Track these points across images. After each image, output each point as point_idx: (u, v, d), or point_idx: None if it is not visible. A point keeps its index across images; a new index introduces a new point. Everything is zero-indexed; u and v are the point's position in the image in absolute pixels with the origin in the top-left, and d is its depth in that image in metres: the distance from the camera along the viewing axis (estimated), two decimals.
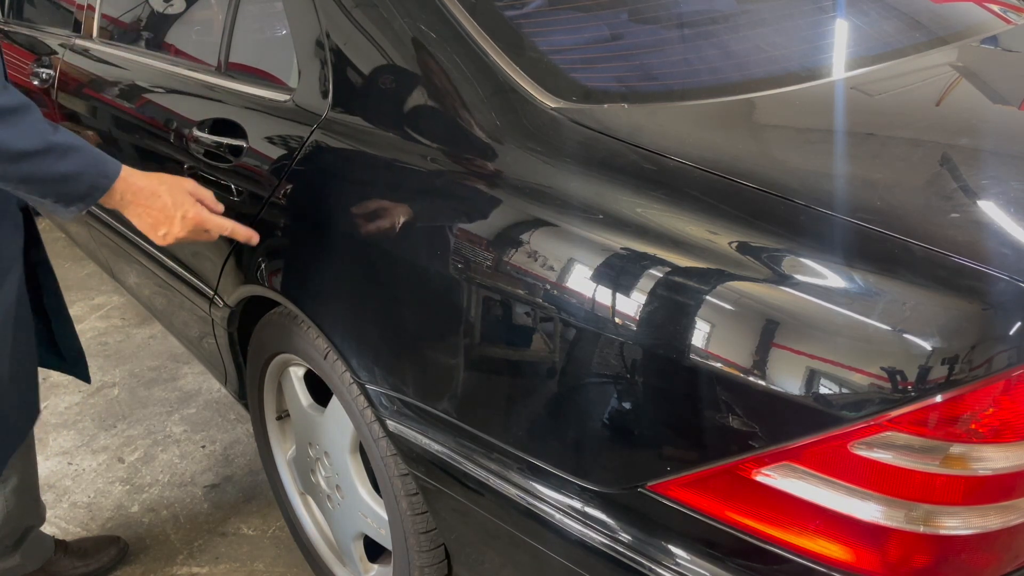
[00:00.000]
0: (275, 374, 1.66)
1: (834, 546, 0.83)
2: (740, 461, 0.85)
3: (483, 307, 1.05)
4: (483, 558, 1.25)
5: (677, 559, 0.93)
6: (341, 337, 1.29)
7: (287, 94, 1.43)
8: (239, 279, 1.54)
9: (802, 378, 0.80)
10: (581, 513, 1.00)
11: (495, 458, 1.10)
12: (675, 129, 1.08)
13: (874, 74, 1.25)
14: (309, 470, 1.65)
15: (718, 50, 1.29)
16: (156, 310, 2.26)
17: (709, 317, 0.85)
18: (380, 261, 1.20)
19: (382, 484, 1.36)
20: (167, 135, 1.69)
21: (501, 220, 1.04)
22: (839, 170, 0.97)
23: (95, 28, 2.19)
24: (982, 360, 0.75)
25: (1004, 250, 0.81)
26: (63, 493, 2.09)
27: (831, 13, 1.46)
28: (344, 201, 1.26)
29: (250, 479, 2.12)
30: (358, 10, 1.28)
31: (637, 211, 0.94)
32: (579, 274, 0.95)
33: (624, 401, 0.93)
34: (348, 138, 1.28)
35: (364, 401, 1.29)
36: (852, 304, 0.79)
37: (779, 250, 0.85)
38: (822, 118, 1.13)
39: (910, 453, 0.78)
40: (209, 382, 2.55)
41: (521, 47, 1.18)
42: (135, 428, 2.35)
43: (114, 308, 3.06)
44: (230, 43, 1.62)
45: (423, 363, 1.17)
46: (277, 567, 1.84)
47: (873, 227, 0.84)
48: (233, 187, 1.49)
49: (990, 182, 0.94)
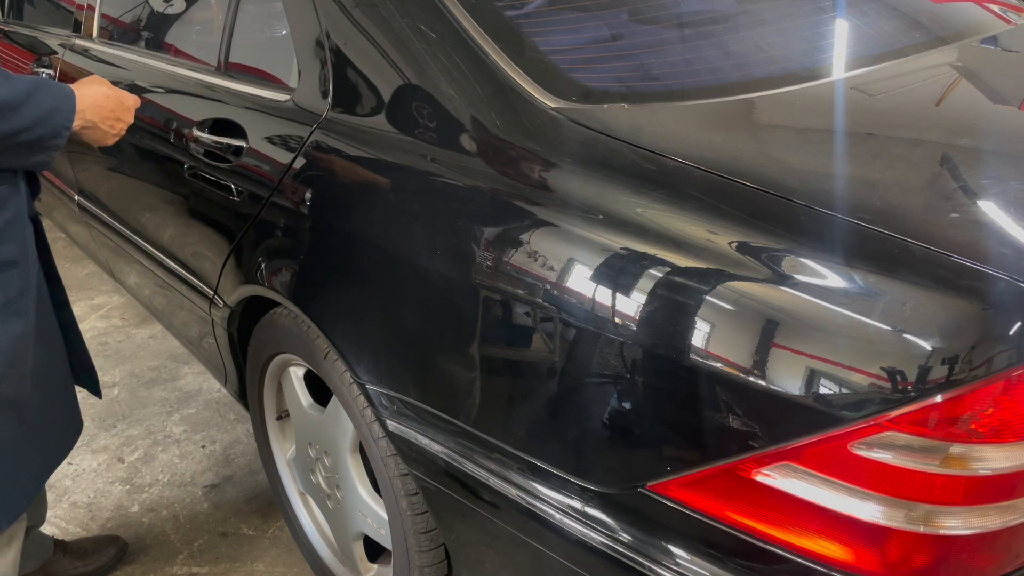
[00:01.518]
0: (275, 374, 1.66)
1: (834, 546, 0.83)
2: (740, 461, 0.85)
3: (483, 307, 1.05)
4: (483, 558, 1.24)
5: (677, 559, 0.93)
6: (341, 337, 1.29)
7: (287, 94, 1.43)
8: (239, 279, 1.54)
9: (802, 378, 0.80)
10: (581, 513, 1.00)
11: (495, 458, 1.10)
12: (675, 129, 1.08)
13: (874, 74, 1.25)
14: (309, 470, 1.65)
15: (718, 50, 1.29)
16: (156, 310, 2.26)
17: (709, 317, 0.85)
18: (380, 261, 1.20)
19: (382, 484, 1.36)
20: (167, 135, 1.69)
21: (501, 220, 1.04)
22: (839, 170, 0.97)
23: (95, 28, 2.19)
24: (982, 360, 0.75)
25: (1004, 250, 0.81)
26: (63, 493, 2.09)
27: (831, 13, 1.46)
28: (344, 201, 1.26)
29: (250, 479, 2.12)
30: (358, 10, 1.28)
31: (637, 211, 0.94)
32: (579, 274, 0.95)
33: (624, 401, 0.93)
34: (348, 138, 1.28)
35: (364, 401, 1.29)
36: (852, 304, 0.79)
37: (779, 250, 0.85)
38: (822, 118, 1.13)
39: (910, 453, 0.78)
40: (209, 382, 2.55)
41: (521, 47, 1.18)
42: (135, 428, 2.35)
43: (114, 308, 3.06)
44: (230, 43, 1.62)
45: (423, 363, 1.17)
46: (277, 567, 1.84)
47: (873, 227, 0.84)
48: (233, 187, 1.49)
49: (990, 182, 0.94)
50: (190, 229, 1.73)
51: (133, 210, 2.02)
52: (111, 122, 1.32)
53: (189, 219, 1.72)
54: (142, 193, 1.92)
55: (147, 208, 1.92)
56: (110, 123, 1.32)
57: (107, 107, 1.30)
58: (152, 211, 1.90)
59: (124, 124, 1.35)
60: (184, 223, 1.75)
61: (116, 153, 2.01)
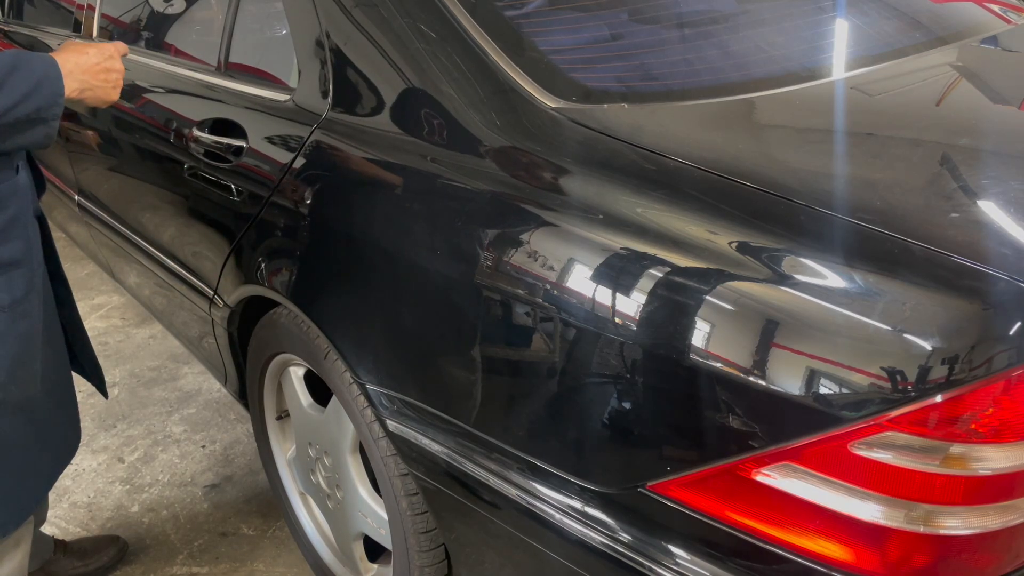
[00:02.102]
0: (275, 374, 1.66)
1: (834, 546, 0.83)
2: (740, 461, 0.85)
3: (483, 307, 1.05)
4: (483, 558, 1.24)
5: (677, 559, 0.93)
6: (341, 337, 1.29)
7: (287, 94, 1.43)
8: (239, 279, 1.54)
9: (802, 378, 0.80)
10: (581, 513, 1.00)
11: (495, 458, 1.10)
12: (675, 129, 1.08)
13: (874, 74, 1.25)
14: (309, 470, 1.65)
15: (718, 50, 1.29)
16: (156, 310, 2.26)
17: (709, 317, 0.85)
18: (380, 261, 1.20)
19: (382, 484, 1.36)
20: (167, 135, 1.69)
21: (501, 220, 1.04)
22: (839, 170, 0.97)
23: (95, 28, 2.19)
24: (982, 360, 0.75)
25: (1004, 250, 0.81)
26: (63, 493, 2.09)
27: (831, 13, 1.46)
28: (344, 201, 1.26)
29: (250, 479, 2.12)
30: (358, 10, 1.28)
31: (637, 211, 0.94)
32: (579, 274, 0.95)
33: (624, 401, 0.93)
34: (348, 138, 1.28)
35: (364, 401, 1.29)
36: (852, 304, 0.79)
37: (779, 250, 0.85)
38: (822, 118, 1.13)
39: (910, 453, 0.78)
40: (209, 382, 2.55)
41: (521, 47, 1.18)
42: (135, 428, 2.35)
43: (114, 308, 3.06)
44: (230, 43, 1.62)
45: (423, 363, 1.17)
46: (277, 567, 1.84)
47: (873, 227, 0.84)
48: (233, 187, 1.49)
49: (990, 182, 0.94)
50: (190, 229, 1.73)
51: (133, 210, 2.02)
52: (103, 75, 1.26)
53: (189, 219, 1.72)
54: (142, 193, 1.92)
55: (147, 208, 1.92)
56: (103, 76, 1.26)
57: (91, 60, 1.24)
58: (152, 211, 1.90)
59: (117, 73, 1.29)
60: (184, 223, 1.75)
61: (116, 153, 2.01)
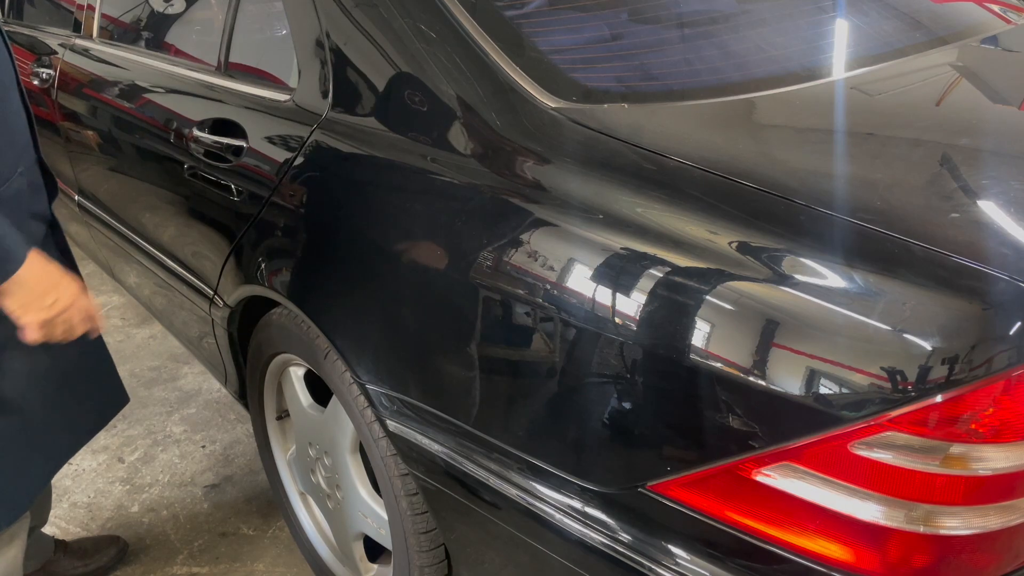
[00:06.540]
0: (275, 374, 1.66)
1: (834, 546, 0.83)
2: (740, 461, 0.85)
3: (483, 307, 1.05)
4: (483, 558, 1.25)
5: (677, 559, 0.93)
6: (341, 337, 1.29)
7: (287, 94, 1.43)
8: (239, 279, 1.54)
9: (802, 378, 0.80)
10: (581, 513, 1.00)
11: (495, 458, 1.10)
12: (675, 129, 1.08)
13: (874, 74, 1.25)
14: (309, 470, 1.65)
15: (718, 50, 1.29)
16: (156, 310, 2.26)
17: (709, 317, 0.85)
18: (380, 261, 1.20)
19: (382, 484, 1.36)
20: (167, 135, 1.69)
21: (501, 220, 1.04)
22: (839, 170, 0.97)
23: (95, 28, 2.19)
24: (982, 360, 0.75)
25: (1004, 250, 0.81)
26: (63, 493, 2.09)
27: (831, 13, 1.46)
28: (344, 201, 1.26)
29: (250, 479, 2.12)
30: (358, 10, 1.28)
31: (637, 211, 0.94)
32: (579, 274, 0.95)
33: (624, 401, 0.93)
34: (348, 138, 1.28)
35: (364, 401, 1.29)
36: (852, 304, 0.79)
37: (779, 250, 0.85)
38: (822, 118, 1.13)
39: (910, 453, 0.78)
40: (209, 382, 2.55)
41: (521, 47, 1.18)
42: (135, 428, 2.35)
43: (114, 308, 3.06)
44: (230, 43, 1.62)
45: (423, 363, 1.17)
46: (277, 567, 1.84)
47: (873, 227, 0.84)
48: (233, 187, 1.49)
49: (990, 182, 0.94)
50: (190, 229, 1.73)
51: (133, 210, 2.02)
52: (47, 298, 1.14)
53: (189, 219, 1.72)
54: (142, 193, 1.92)
55: (147, 208, 1.92)
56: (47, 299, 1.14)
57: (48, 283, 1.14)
58: (152, 211, 1.90)
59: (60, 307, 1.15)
60: (184, 223, 1.75)
61: (116, 153, 2.01)
